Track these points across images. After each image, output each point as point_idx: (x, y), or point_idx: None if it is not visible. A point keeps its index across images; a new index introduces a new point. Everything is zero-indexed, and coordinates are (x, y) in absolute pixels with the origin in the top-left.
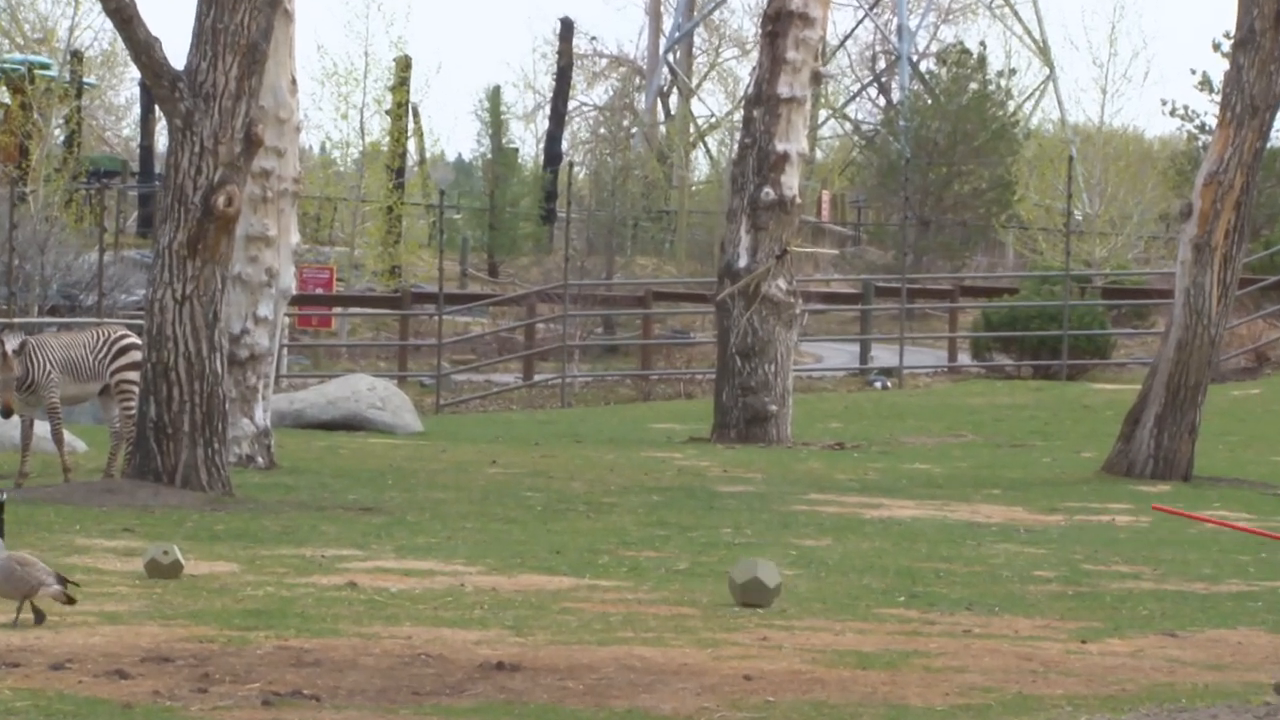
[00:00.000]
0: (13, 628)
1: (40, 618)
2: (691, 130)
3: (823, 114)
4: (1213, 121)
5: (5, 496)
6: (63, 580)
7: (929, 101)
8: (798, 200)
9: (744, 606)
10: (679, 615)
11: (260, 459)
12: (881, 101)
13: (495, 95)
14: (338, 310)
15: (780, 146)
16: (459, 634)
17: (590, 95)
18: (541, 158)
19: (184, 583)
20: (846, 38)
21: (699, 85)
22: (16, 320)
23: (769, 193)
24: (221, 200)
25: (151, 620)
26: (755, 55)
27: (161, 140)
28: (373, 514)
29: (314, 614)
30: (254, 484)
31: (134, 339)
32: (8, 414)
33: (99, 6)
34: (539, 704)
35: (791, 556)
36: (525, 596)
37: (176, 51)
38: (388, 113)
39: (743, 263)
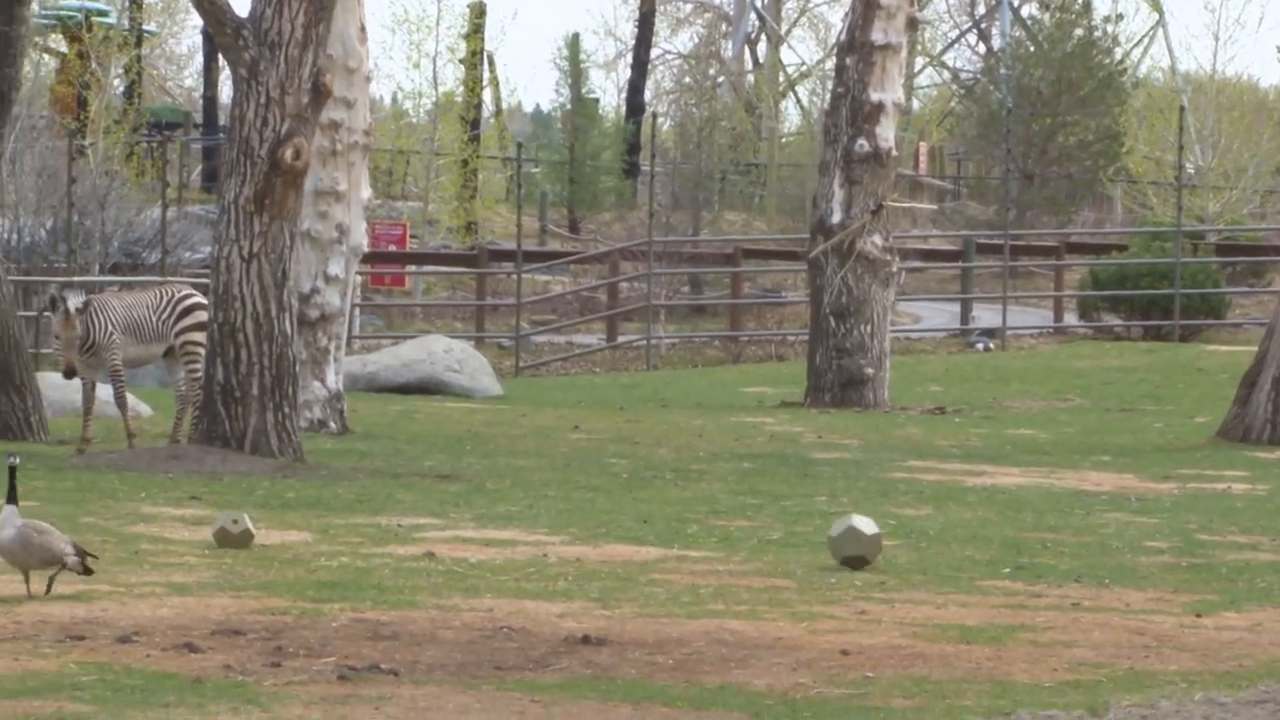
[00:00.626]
0: (38, 598)
1: (48, 588)
2: (781, 79)
3: (919, 62)
4: None
5: (17, 461)
6: (81, 552)
7: (1031, 48)
8: (894, 152)
9: (845, 565)
10: (773, 587)
11: (332, 424)
12: (981, 49)
13: (574, 43)
14: (411, 268)
15: (875, 96)
16: (542, 606)
17: (674, 43)
18: (623, 108)
19: (255, 553)
20: None
21: (788, 32)
22: (76, 279)
23: (863, 144)
24: (289, 153)
25: (222, 592)
26: (847, 0)
27: (225, 91)
28: (451, 481)
29: (391, 585)
30: (326, 450)
31: (199, 298)
32: (70, 374)
33: None
34: (626, 679)
35: (890, 526)
36: (611, 567)
37: None
38: (462, 61)
39: (836, 218)
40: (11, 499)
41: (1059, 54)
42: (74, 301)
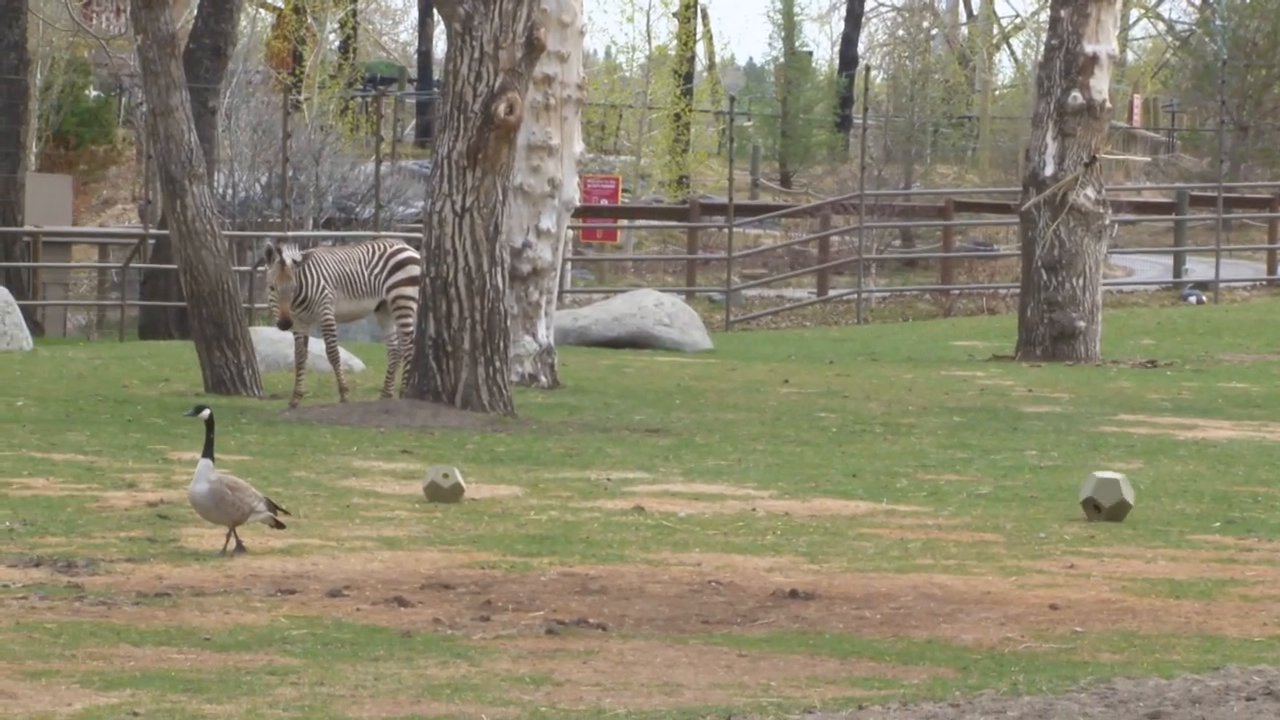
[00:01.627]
0: (227, 556)
1: (241, 547)
2: (995, 31)
3: (1134, 14)
4: None
5: (209, 414)
6: (273, 506)
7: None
8: (1107, 104)
9: (1097, 508)
10: (981, 542)
11: (543, 378)
12: (1197, 0)
13: None
14: (623, 223)
15: (1089, 48)
16: (750, 560)
17: None
18: (836, 61)
19: (464, 507)
20: None
21: None
22: (290, 234)
23: (1077, 97)
24: (502, 108)
25: (431, 546)
26: None
27: (440, 45)
28: (660, 435)
29: (599, 539)
30: (536, 404)
31: (412, 253)
32: (285, 325)
33: None
34: (834, 633)
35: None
36: (819, 522)
37: None
38: (675, 15)
39: (1049, 170)
40: (207, 453)
41: (1275, 4)
42: (290, 254)
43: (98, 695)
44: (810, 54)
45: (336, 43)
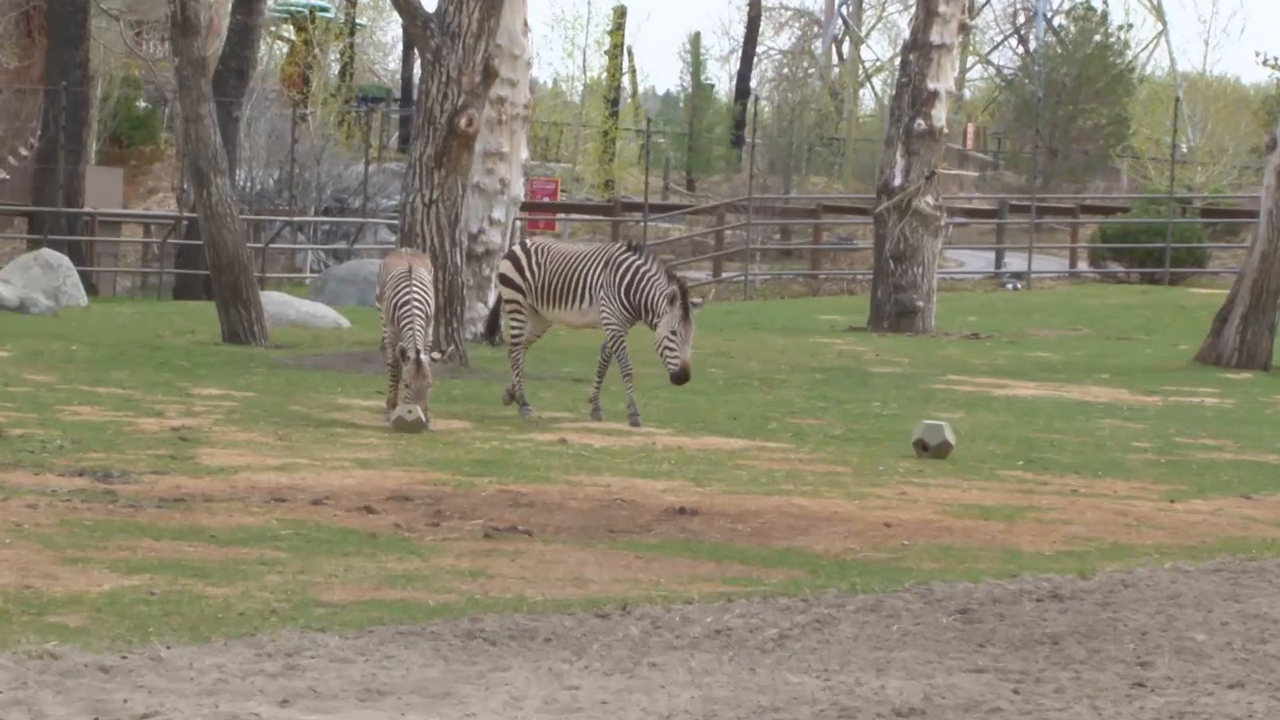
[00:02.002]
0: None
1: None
2: (860, 72)
3: (970, 59)
4: None
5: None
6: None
7: (1059, 50)
8: (945, 130)
9: (923, 447)
10: (833, 472)
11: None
12: (1020, 50)
13: (696, 40)
14: (560, 216)
15: (931, 85)
16: (649, 484)
17: (776, 41)
18: (733, 93)
19: (425, 437)
20: None
21: (867, 34)
22: (296, 218)
23: (921, 124)
24: (464, 122)
25: (396, 467)
26: (914, 9)
27: (418, 72)
28: (583, 384)
29: (530, 464)
30: (485, 357)
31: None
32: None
33: None
34: (713, 542)
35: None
36: (705, 454)
37: None
38: (606, 53)
39: (898, 181)
40: None
41: (1081, 55)
42: (427, 353)
43: (123, 578)
44: (713, 86)
45: (337, 68)
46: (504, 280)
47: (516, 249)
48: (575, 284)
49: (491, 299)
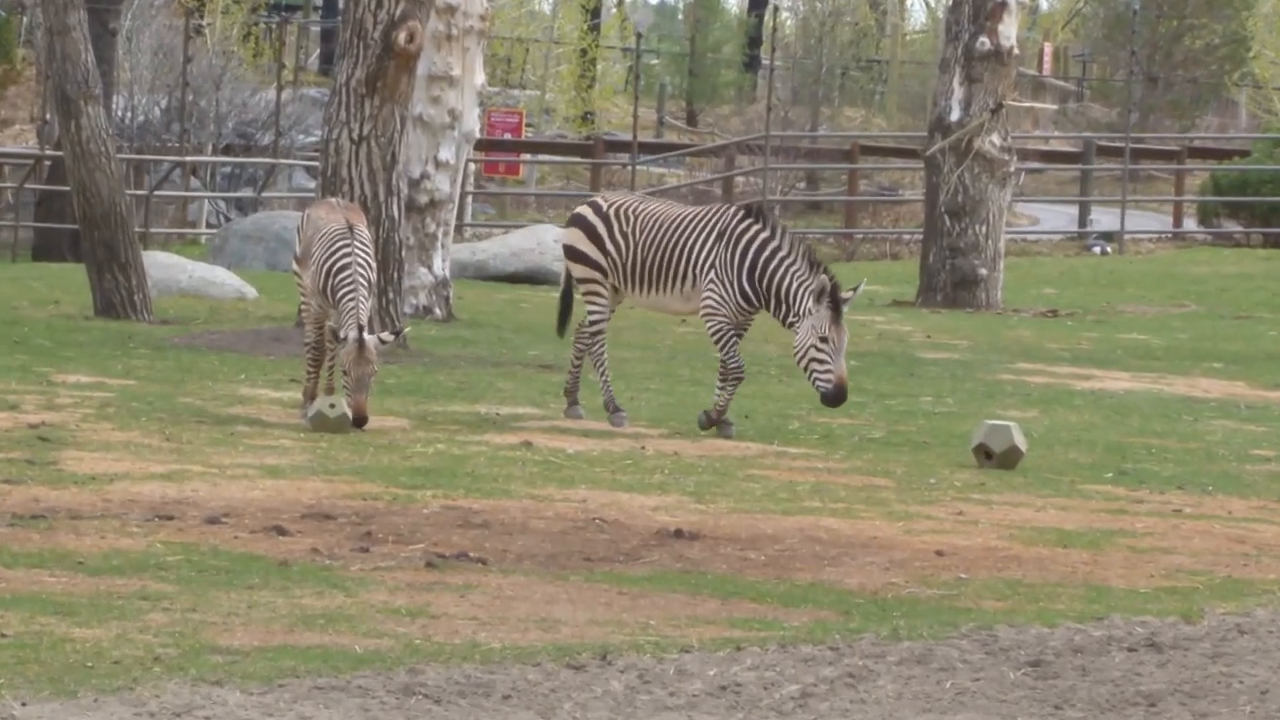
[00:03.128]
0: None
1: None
2: None
3: None
4: None
5: None
6: None
7: None
8: (1016, 51)
9: (986, 454)
10: (870, 486)
11: (438, 310)
12: None
13: None
14: (526, 157)
15: None
16: (636, 499)
17: None
18: (746, 1)
19: (350, 438)
20: None
21: None
22: (188, 159)
23: (985, 42)
24: (403, 36)
25: (314, 475)
26: None
27: None
28: (553, 371)
29: (485, 474)
30: (430, 337)
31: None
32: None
33: None
34: (717, 574)
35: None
36: (709, 462)
37: None
38: None
39: (955, 116)
40: None
41: None
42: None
43: None
44: None
45: None
46: (574, 255)
47: (589, 211)
48: (676, 259)
49: (438, 263)
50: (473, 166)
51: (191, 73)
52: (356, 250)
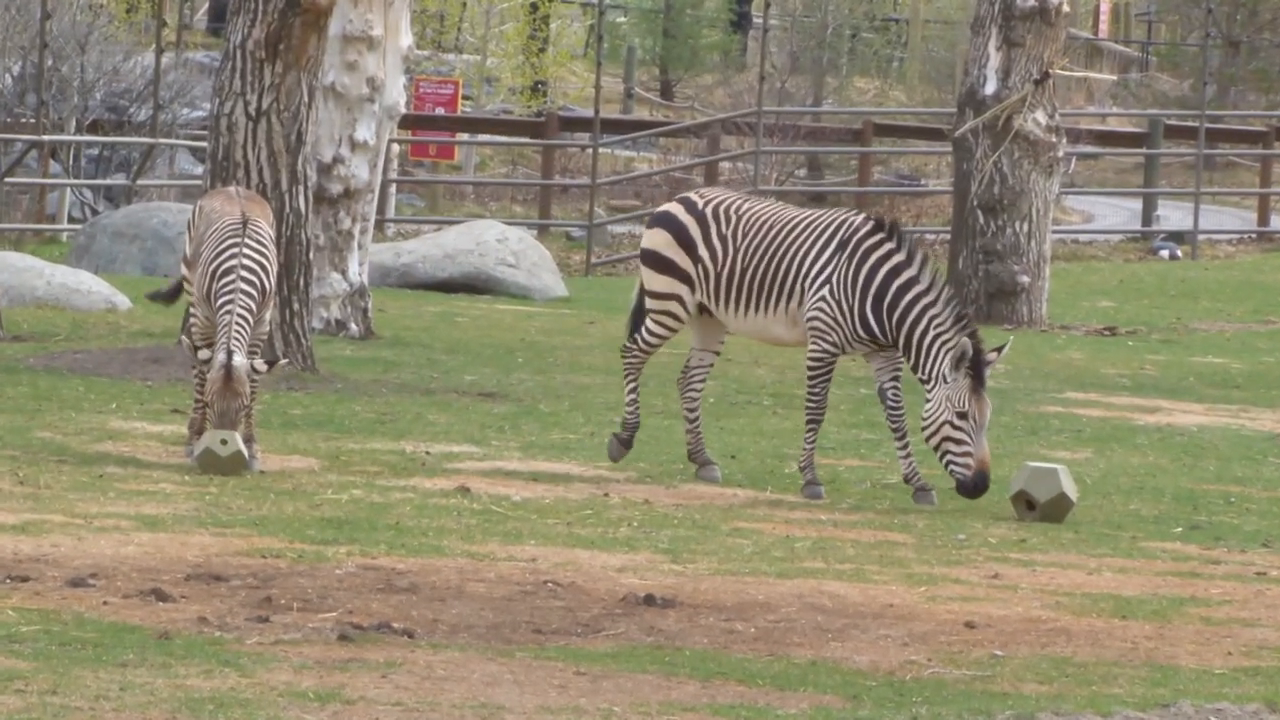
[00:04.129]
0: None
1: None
2: None
3: None
4: None
5: None
6: None
7: None
8: (1065, 8)
9: (1028, 504)
10: (885, 543)
11: (354, 326)
12: None
13: None
14: (463, 137)
15: None
16: (598, 557)
17: None
18: None
19: (246, 481)
20: None
21: None
22: (47, 138)
23: None
24: None
25: (202, 528)
26: None
27: None
28: (495, 401)
29: (412, 526)
30: (344, 357)
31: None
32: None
33: None
34: (697, 650)
35: None
36: (687, 512)
37: None
38: None
39: (990, 88)
40: None
41: None
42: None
43: None
44: None
45: None
46: (655, 263)
47: (679, 209)
48: (783, 270)
49: (354, 267)
50: (397, 148)
51: (51, 32)
52: (246, 250)
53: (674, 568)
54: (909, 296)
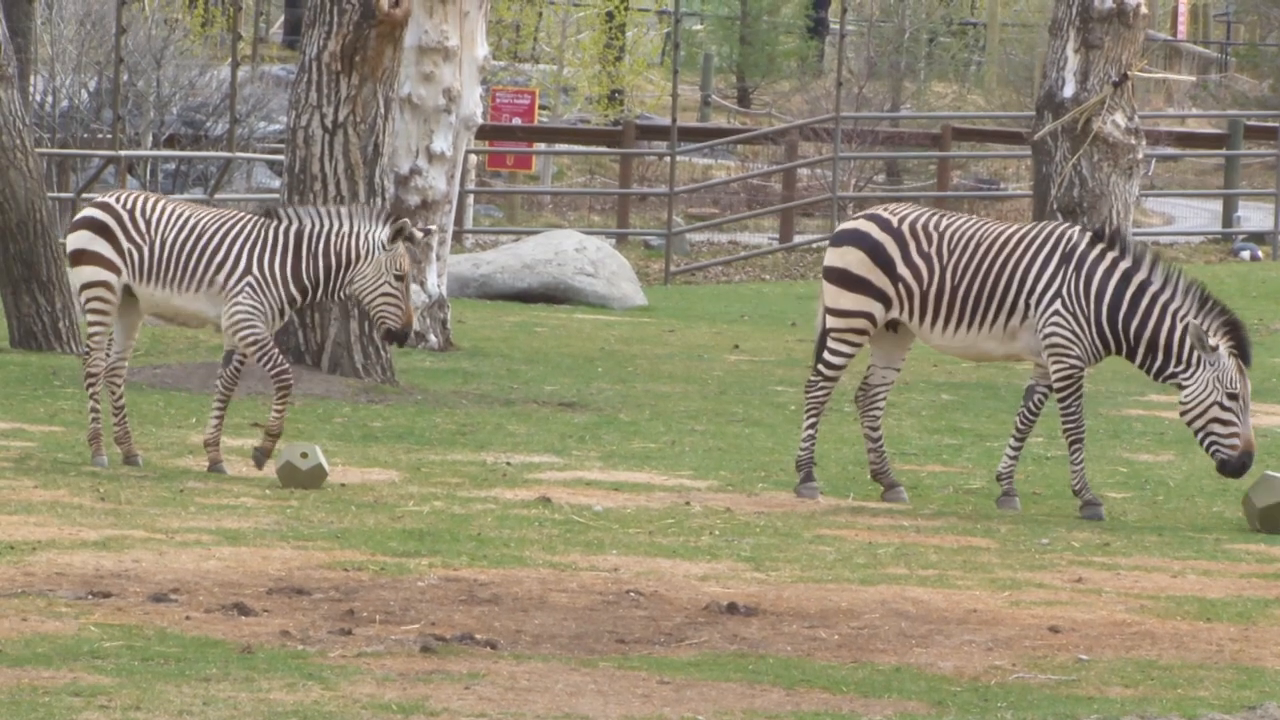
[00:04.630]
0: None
1: None
2: None
3: None
4: None
5: None
6: None
7: None
8: (1144, 10)
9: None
10: (968, 548)
11: (433, 337)
12: None
13: None
14: (540, 147)
15: None
16: (680, 566)
17: None
18: None
19: (327, 494)
20: None
21: None
22: (124, 153)
23: (1106, 0)
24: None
25: (284, 541)
26: None
27: None
28: (576, 411)
29: (493, 537)
30: (423, 369)
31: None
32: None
33: None
34: (780, 657)
35: (1121, 475)
36: (769, 520)
37: None
38: None
39: (1069, 91)
40: None
41: None
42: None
43: None
44: None
45: None
46: (848, 282)
47: (872, 228)
48: (1003, 286)
49: (432, 279)
50: (474, 159)
51: (127, 47)
52: None
53: (756, 575)
54: (1145, 300)
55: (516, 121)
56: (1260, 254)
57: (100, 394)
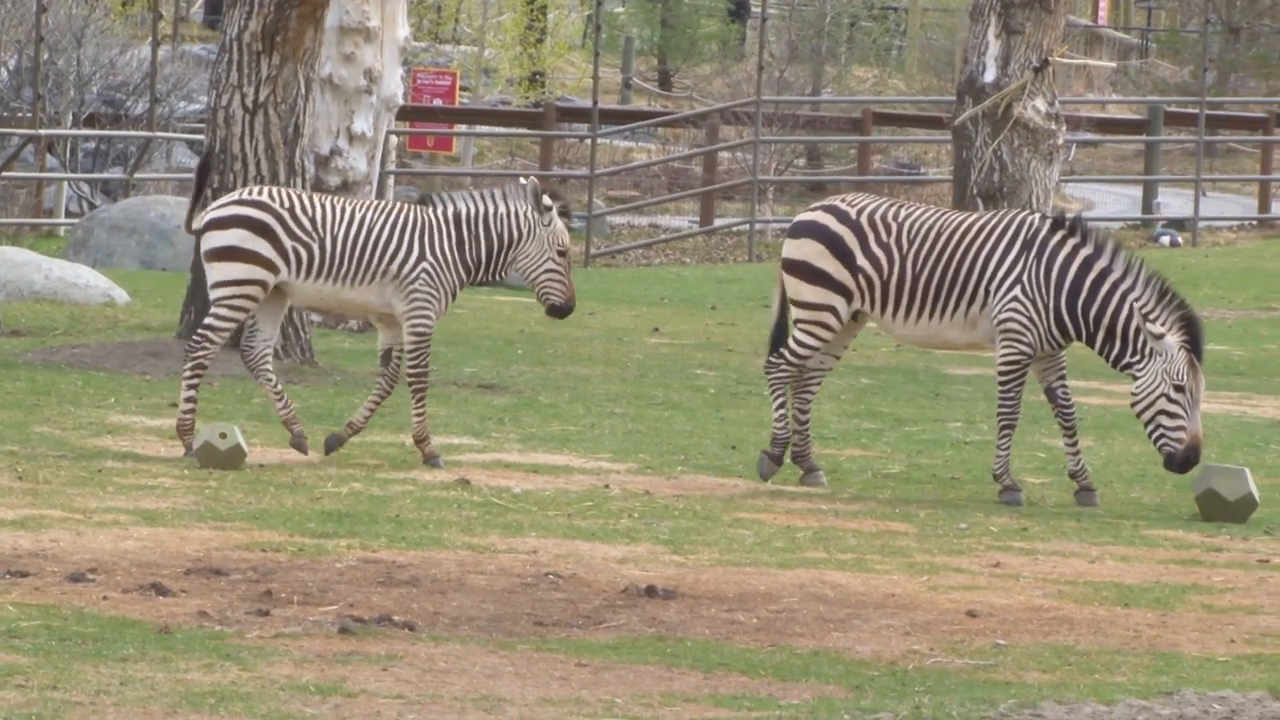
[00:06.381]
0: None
1: None
2: None
3: None
4: None
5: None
6: None
7: None
8: None
9: (1209, 503)
10: (887, 532)
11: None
12: None
13: None
14: (461, 129)
15: None
16: (599, 549)
17: None
18: None
19: (245, 475)
20: None
21: None
22: (43, 132)
23: None
24: None
25: (202, 522)
26: None
27: None
28: (495, 393)
29: (412, 519)
30: (342, 350)
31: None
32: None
33: None
34: (699, 641)
35: (1040, 460)
36: (688, 503)
37: None
38: None
39: (990, 76)
40: None
41: None
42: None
43: None
44: None
45: None
46: (807, 274)
47: (830, 219)
48: (963, 274)
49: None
50: (395, 140)
51: (47, 25)
52: None
53: (675, 559)
54: (1105, 287)
55: (437, 103)
56: (1180, 240)
57: (200, 385)
